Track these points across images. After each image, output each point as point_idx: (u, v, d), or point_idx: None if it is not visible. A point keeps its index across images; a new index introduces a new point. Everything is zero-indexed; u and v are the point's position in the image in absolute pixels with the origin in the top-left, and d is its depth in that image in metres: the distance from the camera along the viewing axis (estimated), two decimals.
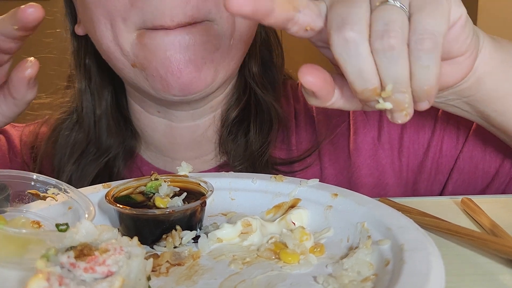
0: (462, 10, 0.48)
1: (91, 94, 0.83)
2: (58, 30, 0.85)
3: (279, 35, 0.89)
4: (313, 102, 0.49)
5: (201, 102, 0.79)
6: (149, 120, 0.83)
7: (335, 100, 0.49)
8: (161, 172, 0.82)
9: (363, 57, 0.43)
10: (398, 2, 0.44)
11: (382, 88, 0.44)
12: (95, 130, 0.82)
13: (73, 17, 0.81)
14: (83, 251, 0.38)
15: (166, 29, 0.66)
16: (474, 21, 2.31)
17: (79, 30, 0.79)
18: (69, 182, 0.76)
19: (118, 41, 0.69)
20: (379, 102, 0.45)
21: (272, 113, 0.82)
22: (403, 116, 0.46)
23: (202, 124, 0.82)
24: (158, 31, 0.67)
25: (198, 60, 0.67)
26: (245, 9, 0.42)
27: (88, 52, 0.81)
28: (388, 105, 0.45)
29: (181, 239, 0.51)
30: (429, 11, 0.44)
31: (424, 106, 0.47)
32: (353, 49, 0.43)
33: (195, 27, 0.67)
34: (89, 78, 0.82)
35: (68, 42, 0.84)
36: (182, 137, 0.83)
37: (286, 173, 0.71)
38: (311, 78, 0.46)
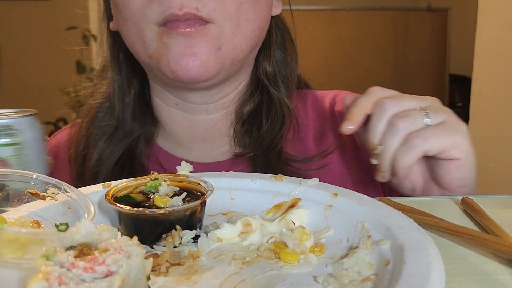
0: (467, 157, 0.67)
1: (122, 84, 0.93)
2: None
3: (293, 39, 0.98)
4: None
5: (213, 96, 0.89)
6: (168, 112, 0.93)
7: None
8: (179, 159, 0.88)
9: (384, 122, 0.68)
10: (428, 119, 0.66)
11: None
12: (123, 116, 0.93)
13: (110, 14, 0.91)
14: (82, 251, 0.38)
15: (177, 26, 0.75)
16: (474, 21, 2.31)
17: (113, 26, 0.89)
18: (100, 157, 0.90)
19: (142, 37, 0.79)
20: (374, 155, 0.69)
21: (284, 109, 0.91)
22: (380, 176, 0.69)
23: (216, 118, 0.92)
24: (173, 34, 0.76)
25: (203, 58, 0.77)
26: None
27: (121, 46, 0.90)
28: (374, 161, 0.69)
29: (181, 238, 0.51)
30: (439, 135, 0.65)
31: (394, 179, 0.71)
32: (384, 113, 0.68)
33: (200, 32, 0.76)
34: (121, 69, 0.93)
35: (104, 36, 0.95)
36: (197, 129, 0.92)
37: (301, 170, 0.85)
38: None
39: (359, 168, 0.90)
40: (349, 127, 0.69)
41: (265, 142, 0.88)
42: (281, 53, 0.96)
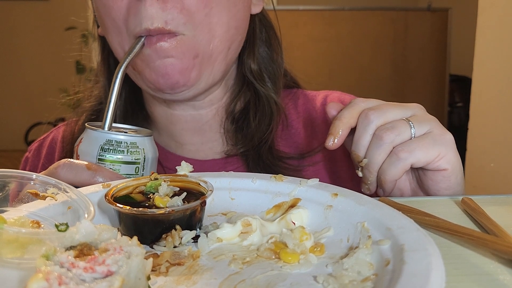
0: (453, 167, 0.67)
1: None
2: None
3: (278, 36, 0.99)
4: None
5: (198, 97, 0.89)
6: (157, 107, 0.94)
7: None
8: (172, 155, 0.94)
9: (369, 135, 0.67)
10: (413, 129, 0.66)
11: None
12: (115, 116, 0.94)
13: None
14: (82, 251, 0.38)
15: (152, 41, 0.78)
16: (474, 21, 2.31)
17: (100, 32, 0.92)
18: None
19: (122, 45, 0.81)
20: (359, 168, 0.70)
21: (272, 105, 0.92)
22: (365, 188, 0.71)
23: (205, 114, 0.93)
24: (150, 48, 0.78)
25: (181, 66, 0.79)
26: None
27: (110, 50, 0.91)
28: (360, 174, 0.71)
29: (181, 238, 0.51)
30: (425, 147, 0.65)
31: (380, 192, 0.71)
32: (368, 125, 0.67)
33: (172, 43, 0.78)
34: (110, 73, 0.95)
35: (96, 41, 0.97)
36: (186, 123, 0.93)
37: (294, 167, 0.87)
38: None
39: (349, 167, 0.91)
40: (333, 142, 0.69)
41: (255, 138, 0.89)
42: (267, 50, 0.97)
